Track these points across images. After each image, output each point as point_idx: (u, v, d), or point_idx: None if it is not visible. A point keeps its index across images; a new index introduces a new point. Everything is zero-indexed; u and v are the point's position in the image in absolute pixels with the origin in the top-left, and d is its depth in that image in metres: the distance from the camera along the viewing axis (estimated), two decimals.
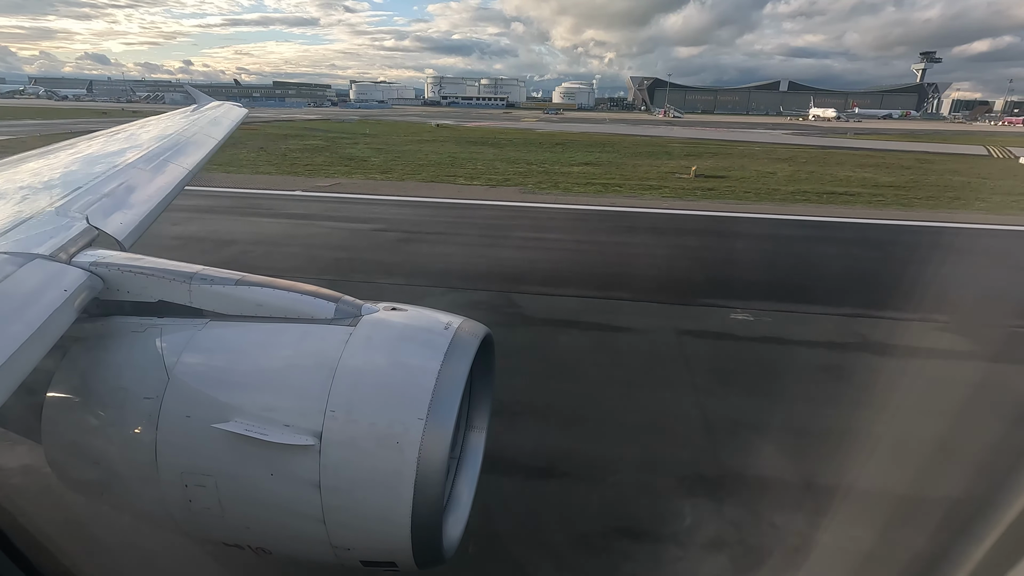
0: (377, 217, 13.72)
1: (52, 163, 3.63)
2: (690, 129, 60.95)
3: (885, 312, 7.75)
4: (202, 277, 2.02)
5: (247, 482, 1.80)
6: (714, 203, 16.08)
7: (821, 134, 57.89)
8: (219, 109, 7.26)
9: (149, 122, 5.76)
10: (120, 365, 1.93)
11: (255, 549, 1.97)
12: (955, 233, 13.20)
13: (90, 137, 4.70)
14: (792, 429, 4.95)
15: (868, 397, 5.25)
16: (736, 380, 5.89)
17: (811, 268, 10.36)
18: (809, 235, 13.07)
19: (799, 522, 3.85)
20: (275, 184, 17.55)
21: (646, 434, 4.86)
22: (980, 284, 9.08)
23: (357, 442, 1.74)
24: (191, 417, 1.80)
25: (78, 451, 1.97)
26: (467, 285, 8.60)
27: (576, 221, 13.91)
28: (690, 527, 3.79)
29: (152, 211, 3.01)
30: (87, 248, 2.17)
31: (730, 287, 8.98)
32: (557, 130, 52.85)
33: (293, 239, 11.19)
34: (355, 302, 2.05)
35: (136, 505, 2.03)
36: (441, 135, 42.31)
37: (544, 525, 3.84)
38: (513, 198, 16.17)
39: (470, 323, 2.06)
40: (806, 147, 38.49)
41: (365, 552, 1.86)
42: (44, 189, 2.89)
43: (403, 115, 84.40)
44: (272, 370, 1.87)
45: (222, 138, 5.57)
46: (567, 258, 10.45)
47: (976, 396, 5.61)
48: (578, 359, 6.32)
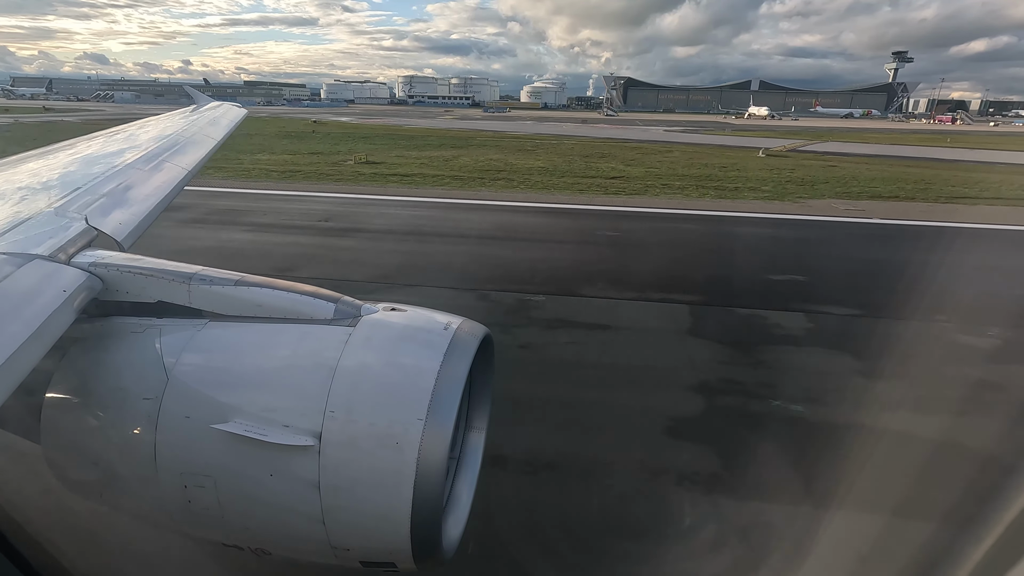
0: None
1: (51, 163, 3.62)
2: (548, 125, 65.91)
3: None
4: (201, 277, 2.02)
5: (246, 482, 1.80)
6: (342, 185, 18.95)
7: (693, 130, 61.58)
8: (218, 110, 7.25)
9: (148, 122, 5.76)
10: (119, 366, 1.92)
11: (254, 550, 1.96)
12: (529, 212, 15.72)
13: (89, 137, 4.69)
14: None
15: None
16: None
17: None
18: (382, 212, 15.30)
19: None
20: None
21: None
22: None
23: (357, 442, 1.73)
24: (190, 417, 1.80)
25: (77, 452, 1.97)
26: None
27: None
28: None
29: (151, 211, 3.00)
30: (86, 248, 2.17)
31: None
32: (455, 127, 55.86)
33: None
34: (354, 302, 2.04)
35: (135, 506, 2.03)
36: (295, 130, 45.07)
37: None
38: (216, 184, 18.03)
39: (469, 323, 2.06)
40: (607, 140, 42.80)
41: (364, 552, 1.85)
42: (43, 189, 2.89)
43: (338, 113, 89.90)
44: (271, 370, 1.87)
45: (221, 138, 5.57)
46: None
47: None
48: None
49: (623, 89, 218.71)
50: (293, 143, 33.93)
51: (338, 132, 44.45)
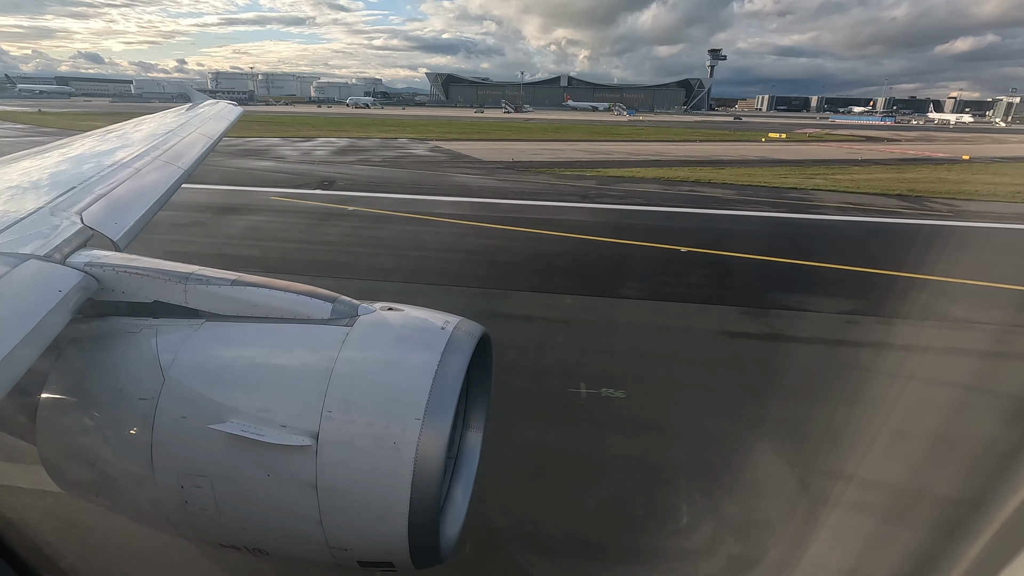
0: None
1: (46, 163, 3.60)
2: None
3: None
4: (197, 277, 2.01)
5: (243, 483, 1.79)
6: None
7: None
8: (214, 108, 7.22)
9: (144, 121, 5.72)
10: (115, 366, 1.91)
11: (252, 550, 1.96)
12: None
13: (85, 136, 4.66)
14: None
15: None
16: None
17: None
18: None
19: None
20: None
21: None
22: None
23: (354, 442, 1.73)
24: (187, 418, 1.79)
25: (73, 452, 1.96)
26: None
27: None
28: None
29: (147, 211, 2.99)
30: (82, 248, 2.16)
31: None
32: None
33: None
34: (351, 302, 2.04)
35: (131, 506, 2.02)
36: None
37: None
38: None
39: (467, 323, 2.05)
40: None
41: (362, 552, 1.85)
42: (38, 189, 2.87)
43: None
44: (268, 370, 1.86)
45: (217, 137, 5.54)
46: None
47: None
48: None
49: (444, 85, 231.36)
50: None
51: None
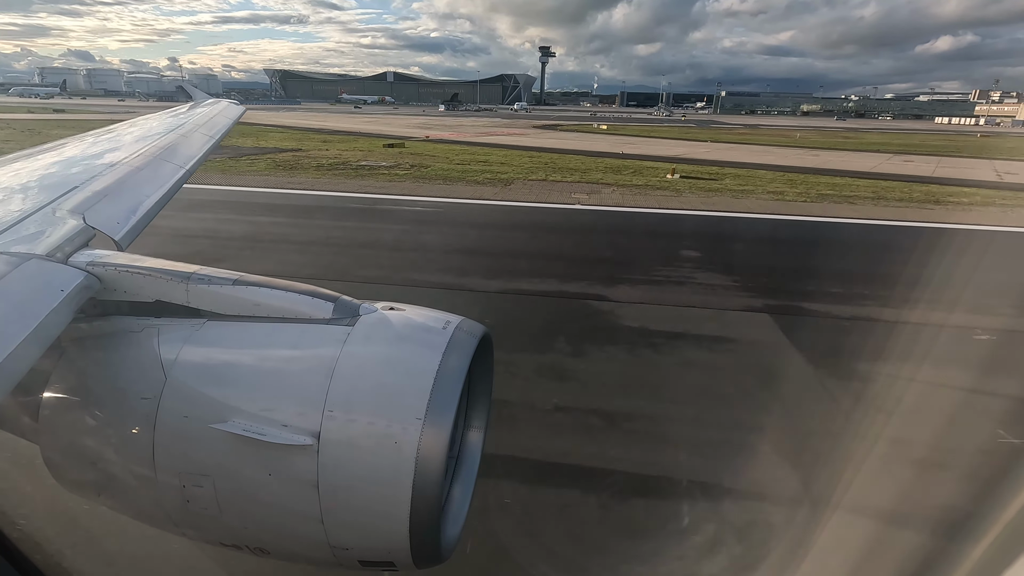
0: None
1: (47, 162, 3.60)
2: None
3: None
4: (199, 277, 2.01)
5: (245, 482, 1.79)
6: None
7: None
8: (215, 107, 7.21)
9: (145, 120, 5.72)
10: (117, 365, 1.92)
11: (253, 549, 1.96)
12: None
13: (84, 136, 4.66)
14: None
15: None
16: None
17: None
18: None
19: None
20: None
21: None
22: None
23: (355, 442, 1.73)
24: (188, 417, 1.80)
25: (75, 452, 1.96)
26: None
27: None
28: None
29: (150, 210, 2.99)
30: (84, 248, 2.16)
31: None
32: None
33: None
34: (353, 302, 2.04)
35: (133, 506, 2.02)
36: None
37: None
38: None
39: (468, 322, 2.05)
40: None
41: (363, 552, 1.85)
42: (39, 189, 2.87)
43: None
44: (270, 370, 1.86)
45: (219, 136, 5.53)
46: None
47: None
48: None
49: (280, 80, 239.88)
50: None
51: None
